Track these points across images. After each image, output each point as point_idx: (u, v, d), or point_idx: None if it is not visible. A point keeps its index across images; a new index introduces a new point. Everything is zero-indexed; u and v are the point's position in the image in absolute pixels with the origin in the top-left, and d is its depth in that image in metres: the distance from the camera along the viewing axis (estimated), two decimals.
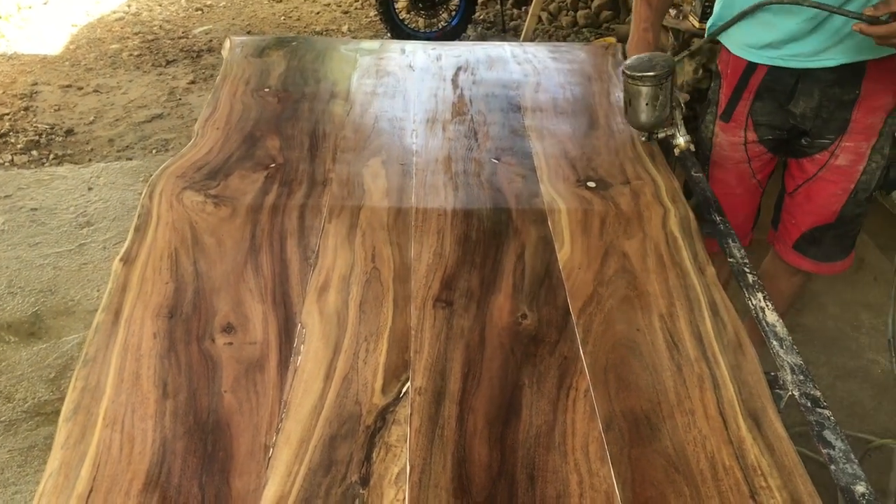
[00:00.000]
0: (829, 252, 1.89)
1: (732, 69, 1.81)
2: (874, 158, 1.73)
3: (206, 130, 1.77)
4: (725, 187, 1.90)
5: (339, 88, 2.00)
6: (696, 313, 1.27)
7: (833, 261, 1.90)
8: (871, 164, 1.73)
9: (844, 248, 1.88)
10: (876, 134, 1.70)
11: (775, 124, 1.79)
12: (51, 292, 2.62)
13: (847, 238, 1.86)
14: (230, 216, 1.47)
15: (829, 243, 1.87)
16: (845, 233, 1.84)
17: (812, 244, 1.89)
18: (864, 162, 1.73)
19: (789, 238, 1.92)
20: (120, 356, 1.14)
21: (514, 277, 1.35)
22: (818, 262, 1.91)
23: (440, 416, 1.06)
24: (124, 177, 3.31)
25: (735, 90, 1.81)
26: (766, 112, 1.79)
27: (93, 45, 4.82)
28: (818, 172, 1.78)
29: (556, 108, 1.92)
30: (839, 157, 1.74)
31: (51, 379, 2.28)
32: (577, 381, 1.12)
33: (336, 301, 1.27)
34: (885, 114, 1.69)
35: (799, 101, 1.72)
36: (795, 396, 1.20)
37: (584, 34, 5.07)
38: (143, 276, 1.30)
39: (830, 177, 1.77)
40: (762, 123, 1.81)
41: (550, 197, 1.57)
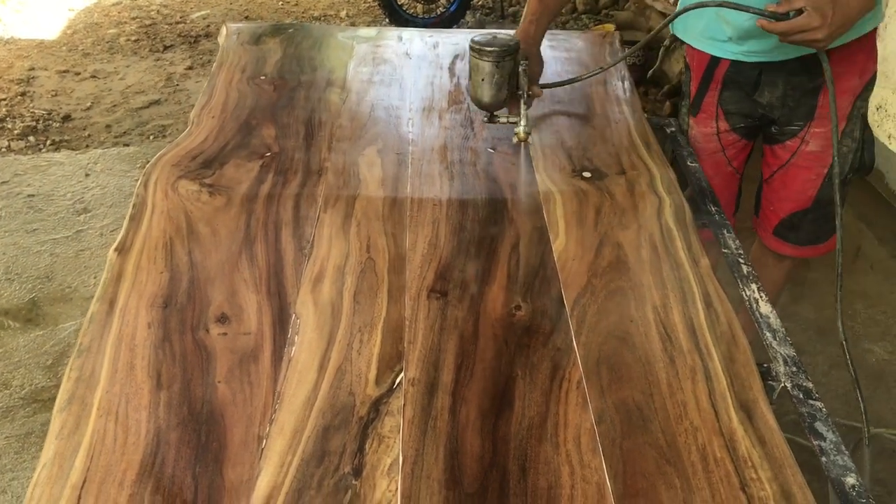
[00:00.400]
0: (809, 236, 1.89)
1: (697, 62, 1.82)
2: (845, 143, 1.73)
3: (202, 119, 1.76)
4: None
5: (335, 76, 1.99)
6: (690, 305, 1.27)
7: (814, 244, 1.90)
8: (842, 149, 1.73)
9: (824, 231, 1.88)
10: (844, 118, 1.70)
11: (745, 112, 1.81)
12: (48, 279, 2.62)
13: (826, 221, 1.85)
14: (225, 205, 1.47)
15: (808, 228, 1.87)
16: (823, 216, 1.83)
17: (791, 230, 1.89)
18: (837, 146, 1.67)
19: (769, 224, 1.93)
20: (114, 346, 1.14)
21: (508, 268, 1.35)
22: (799, 247, 1.92)
23: (433, 408, 1.06)
24: (121, 163, 3.31)
25: (701, 82, 1.83)
26: (735, 101, 1.80)
27: (90, 29, 4.80)
28: (791, 159, 1.79)
29: (553, 98, 1.92)
30: (809, 143, 1.74)
31: (48, 366, 2.29)
32: (570, 373, 1.13)
33: (331, 291, 1.27)
34: (853, 97, 1.69)
35: (764, 91, 1.73)
36: (788, 388, 1.21)
37: (583, 20, 5.05)
38: (138, 266, 1.30)
39: (803, 163, 1.77)
40: (733, 112, 1.82)
41: (546, 187, 1.57)
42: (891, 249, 2.98)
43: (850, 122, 1.71)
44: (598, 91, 1.95)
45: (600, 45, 2.23)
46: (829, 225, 1.85)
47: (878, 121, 3.30)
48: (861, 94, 1.69)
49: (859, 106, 1.70)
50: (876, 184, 3.31)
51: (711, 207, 1.64)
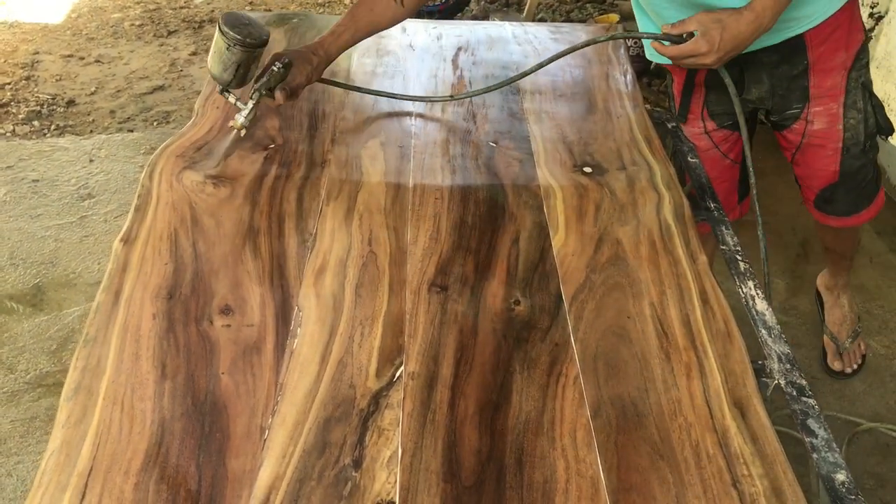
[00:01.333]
0: (847, 207, 1.91)
1: (678, 71, 1.85)
2: (850, 115, 1.73)
3: (206, 109, 1.78)
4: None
5: (339, 68, 2.00)
6: (687, 301, 1.29)
7: (857, 212, 1.93)
8: (849, 121, 1.74)
9: (862, 197, 1.90)
10: (842, 92, 1.71)
11: (731, 112, 1.77)
12: (52, 264, 2.64)
13: (860, 189, 1.87)
14: (229, 197, 1.49)
15: (843, 199, 1.89)
16: (855, 186, 1.85)
17: (828, 203, 1.92)
18: (841, 121, 1.74)
19: (809, 200, 1.97)
20: (120, 336, 1.16)
21: (508, 263, 1.37)
22: (840, 218, 1.94)
23: (432, 401, 1.08)
24: (126, 149, 3.32)
25: (684, 90, 1.86)
26: (721, 102, 1.81)
27: (94, 13, 4.79)
28: (803, 140, 1.81)
29: (555, 91, 1.93)
30: (814, 122, 1.76)
31: (52, 351, 2.31)
32: (567, 368, 1.15)
33: (332, 284, 1.29)
34: (846, 70, 1.70)
35: (751, 88, 1.75)
36: (781, 385, 1.23)
37: (587, 9, 5.04)
38: (143, 257, 1.32)
39: (816, 141, 1.79)
40: (719, 113, 1.85)
41: (546, 182, 1.58)
42: (890, 243, 3.00)
43: (850, 94, 1.72)
44: (600, 85, 1.96)
45: None
46: (864, 191, 1.89)
47: None
48: (854, 66, 1.70)
49: (855, 77, 1.71)
50: None
51: (710, 203, 1.66)
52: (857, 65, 1.72)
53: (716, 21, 1.43)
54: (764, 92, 1.74)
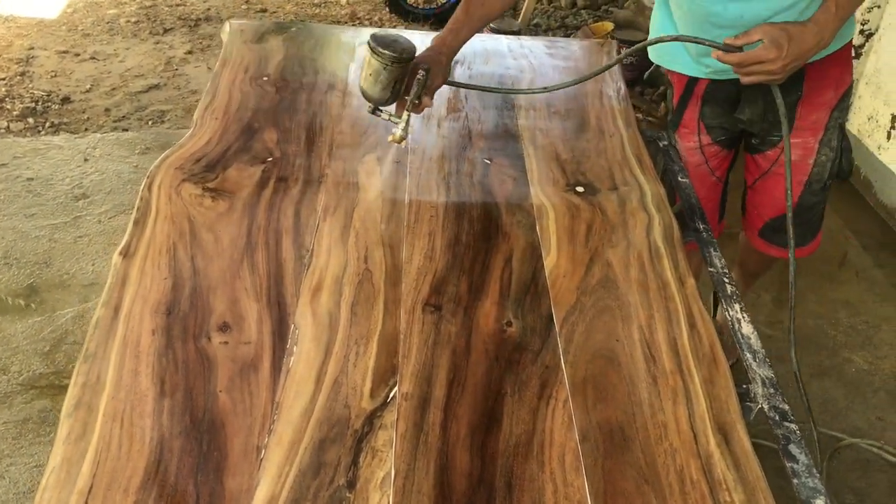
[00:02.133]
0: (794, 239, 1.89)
1: (678, 80, 1.90)
2: (823, 152, 1.80)
3: (205, 120, 1.79)
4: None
5: (336, 79, 2.02)
6: (675, 325, 1.32)
7: (797, 246, 1.90)
8: (820, 157, 1.81)
9: (807, 233, 1.97)
10: (822, 129, 1.78)
11: (725, 126, 1.88)
12: (46, 265, 2.65)
13: (808, 225, 1.95)
14: (227, 210, 1.51)
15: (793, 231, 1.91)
16: (805, 221, 1.92)
17: (775, 232, 1.98)
18: (814, 156, 1.81)
19: (754, 227, 2.04)
20: (119, 353, 1.18)
21: (501, 283, 1.39)
22: (783, 249, 1.98)
23: (425, 423, 1.11)
24: (120, 148, 3.33)
25: (681, 99, 1.90)
26: (716, 116, 1.87)
27: (90, 9, 4.79)
28: (771, 168, 1.87)
29: (550, 108, 1.96)
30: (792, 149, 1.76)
31: (45, 352, 2.32)
32: (557, 391, 1.18)
33: (328, 302, 1.31)
34: (829, 109, 1.76)
35: (745, 108, 1.78)
36: (765, 409, 1.26)
37: (581, 15, 5.07)
38: (143, 271, 1.34)
39: (783, 171, 1.75)
40: (714, 126, 1.89)
41: (540, 201, 1.61)
42: (875, 258, 3.04)
43: (828, 132, 1.79)
44: (593, 103, 1.99)
45: (598, 54, 2.26)
46: (810, 228, 1.96)
47: (868, 131, 3.35)
48: (837, 106, 1.77)
49: (836, 117, 1.78)
50: (864, 192, 3.37)
51: (699, 224, 1.69)
52: (841, 105, 1.78)
53: (782, 30, 1.44)
54: (756, 115, 1.78)
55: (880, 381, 2.44)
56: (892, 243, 3.10)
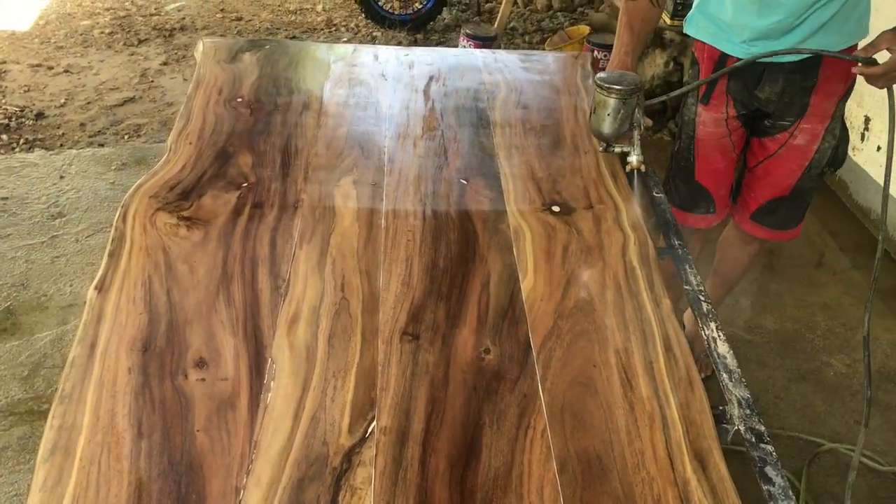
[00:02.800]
0: (783, 221, 2.12)
1: (708, 56, 1.98)
2: (827, 139, 1.94)
3: (179, 146, 1.78)
4: (711, 163, 2.08)
5: (311, 99, 2.02)
6: (650, 348, 1.33)
7: (786, 229, 2.14)
8: (824, 144, 1.94)
9: (796, 218, 2.12)
10: (829, 117, 1.91)
11: (745, 102, 1.97)
12: (23, 287, 2.63)
13: (799, 209, 2.10)
14: (202, 240, 1.50)
15: (784, 214, 2.10)
16: (798, 205, 2.08)
17: (769, 214, 2.11)
18: (819, 142, 1.94)
19: (747, 209, 2.14)
20: (96, 393, 1.18)
21: (478, 309, 1.40)
22: (773, 230, 2.14)
23: (404, 458, 1.11)
24: (96, 165, 3.31)
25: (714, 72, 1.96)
26: (739, 90, 1.96)
27: (63, 20, 4.75)
28: (778, 150, 1.98)
29: (525, 124, 1.96)
30: (797, 137, 1.94)
31: (24, 377, 2.31)
32: (535, 421, 1.18)
33: (306, 334, 1.31)
34: (838, 99, 1.89)
35: (765, 86, 1.90)
36: (741, 431, 1.27)
37: (558, 18, 5.08)
38: (118, 306, 1.34)
39: (788, 154, 1.97)
40: (738, 100, 1.99)
41: (516, 222, 1.62)
42: (853, 260, 3.08)
43: (833, 121, 1.92)
44: (568, 118, 2.00)
45: (572, 67, 2.27)
46: (800, 213, 2.12)
47: None
48: (844, 97, 1.90)
49: (841, 107, 1.92)
50: (840, 194, 3.40)
51: (675, 241, 1.70)
52: (846, 97, 1.91)
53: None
54: (774, 94, 1.89)
55: (858, 384, 2.47)
56: (868, 244, 3.13)
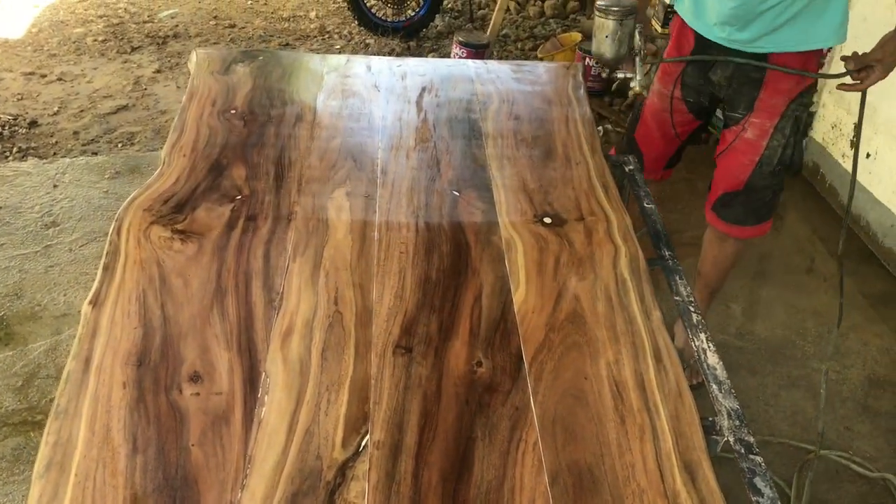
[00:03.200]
0: (739, 216, 2.18)
1: (678, 32, 2.14)
2: (776, 137, 2.03)
3: (173, 158, 1.79)
4: (648, 129, 2.29)
5: (304, 110, 2.03)
6: (641, 360, 1.34)
7: (742, 225, 2.20)
8: (773, 141, 2.04)
9: (753, 216, 2.18)
10: (778, 115, 2.01)
11: (697, 88, 2.14)
12: (17, 297, 2.63)
13: (755, 206, 2.16)
14: (197, 254, 1.51)
15: (739, 208, 2.17)
16: (753, 201, 2.15)
17: (724, 207, 2.20)
18: (768, 138, 2.04)
19: (710, 201, 2.25)
20: (91, 407, 1.19)
21: (471, 321, 1.41)
22: (729, 225, 2.21)
23: (397, 472, 1.12)
24: (90, 173, 3.31)
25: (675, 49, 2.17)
26: (693, 75, 2.13)
27: (56, 28, 4.75)
28: (733, 142, 2.10)
29: (517, 136, 1.98)
30: (748, 130, 2.06)
31: (18, 388, 2.31)
32: (527, 434, 1.20)
33: (299, 347, 1.32)
34: (788, 99, 1.99)
35: (717, 69, 2.06)
36: (731, 442, 1.29)
37: (550, 25, 5.10)
38: (113, 321, 1.34)
39: (741, 147, 2.09)
40: (688, 84, 2.15)
41: (508, 234, 1.63)
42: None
43: (783, 119, 2.01)
44: (559, 129, 2.01)
45: (564, 78, 2.28)
46: (758, 212, 2.18)
47: (833, 139, 3.40)
48: (796, 99, 2.00)
49: (793, 108, 2.01)
50: (830, 200, 3.43)
51: (665, 252, 1.72)
52: (800, 100, 2.01)
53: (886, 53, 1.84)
54: (725, 78, 2.05)
55: (848, 390, 2.49)
56: (857, 250, 3.16)
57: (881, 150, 3.08)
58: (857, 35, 3.15)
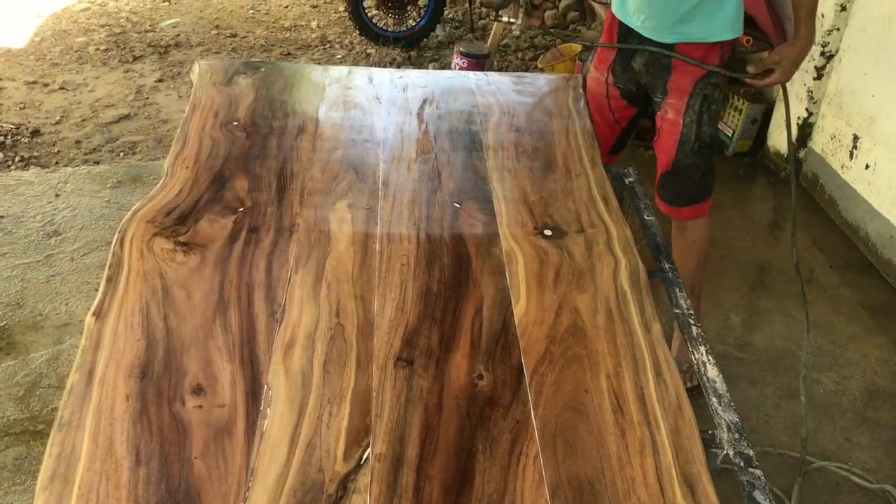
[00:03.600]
0: (672, 196, 2.34)
1: (609, 22, 2.33)
2: (688, 114, 2.20)
3: (176, 170, 1.80)
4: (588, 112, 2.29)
5: (306, 122, 2.04)
6: (641, 374, 1.35)
7: (676, 205, 2.35)
8: (686, 118, 2.21)
9: (684, 196, 2.33)
10: (688, 94, 2.18)
11: (626, 76, 2.31)
12: (18, 306, 2.64)
13: (685, 186, 2.31)
14: (199, 266, 1.52)
15: (671, 189, 2.33)
16: (682, 180, 2.30)
17: (661, 188, 2.36)
18: (682, 116, 2.21)
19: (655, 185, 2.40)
20: (94, 420, 1.19)
21: (472, 334, 1.42)
22: (666, 205, 2.37)
23: (398, 485, 1.13)
24: (92, 182, 3.32)
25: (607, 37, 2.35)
26: (620, 63, 2.31)
27: (58, 37, 4.77)
28: (661, 126, 2.27)
29: (518, 147, 1.99)
30: (668, 112, 2.23)
31: (20, 397, 2.32)
32: (528, 447, 1.20)
33: (301, 360, 1.33)
34: (695, 78, 2.16)
35: (637, 57, 2.24)
36: (730, 455, 1.29)
37: (551, 35, 5.12)
38: (116, 332, 1.35)
39: (666, 129, 2.26)
40: (617, 72, 2.33)
41: (509, 246, 1.64)
42: (842, 276, 3.11)
43: (693, 97, 2.18)
44: (560, 141, 2.03)
45: (564, 90, 2.30)
46: (687, 191, 2.32)
47: (831, 150, 3.42)
48: (702, 79, 2.16)
49: (701, 86, 2.17)
50: (830, 211, 3.44)
51: (665, 264, 1.72)
52: (706, 80, 2.17)
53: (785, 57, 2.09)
54: (643, 65, 2.23)
55: (848, 401, 2.50)
56: (857, 261, 3.17)
57: (880, 161, 3.10)
58: (856, 45, 3.18)
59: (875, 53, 3.10)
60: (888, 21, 3.00)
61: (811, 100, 3.47)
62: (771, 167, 3.75)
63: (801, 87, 3.49)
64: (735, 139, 3.84)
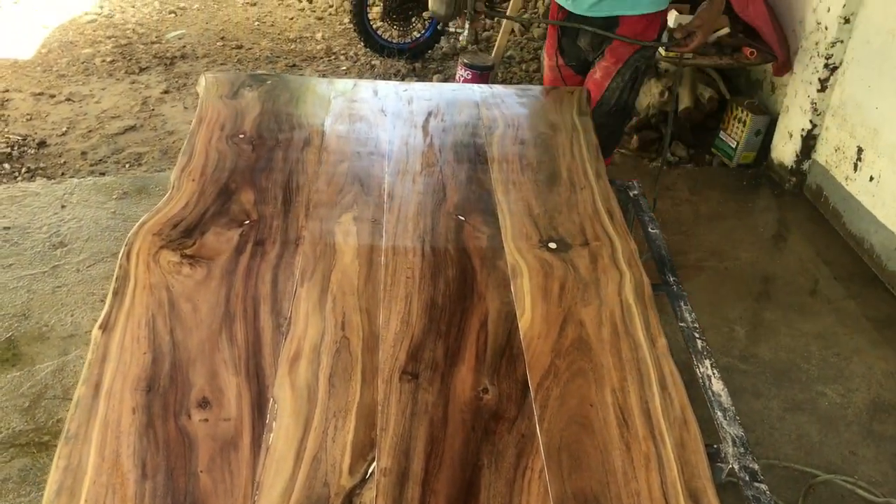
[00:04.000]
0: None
1: (553, 8, 2.48)
2: (616, 80, 2.40)
3: (182, 182, 1.81)
4: None
5: (312, 134, 2.05)
6: (646, 388, 1.35)
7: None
8: (613, 83, 2.41)
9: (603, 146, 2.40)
10: (623, 62, 2.37)
11: (574, 55, 2.51)
12: (24, 317, 2.65)
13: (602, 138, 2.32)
14: (205, 278, 1.53)
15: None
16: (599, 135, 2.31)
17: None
18: (610, 80, 2.41)
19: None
20: (101, 433, 1.20)
21: (476, 347, 1.42)
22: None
23: (404, 499, 1.13)
24: (98, 194, 3.34)
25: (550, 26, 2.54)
26: (567, 43, 2.50)
27: (65, 49, 4.80)
28: (586, 83, 2.47)
29: (522, 160, 2.00)
30: (598, 71, 2.43)
31: (25, 408, 2.32)
32: (533, 462, 1.20)
33: (307, 373, 1.33)
34: (633, 50, 2.35)
35: (581, 38, 2.43)
36: (735, 469, 1.29)
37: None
38: (122, 346, 1.36)
39: (591, 85, 2.45)
40: (566, 51, 2.53)
41: (514, 259, 1.64)
42: (847, 288, 3.10)
43: (626, 66, 2.38)
44: (564, 154, 2.03)
45: (568, 103, 2.30)
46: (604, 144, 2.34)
47: (835, 162, 3.42)
48: (637, 53, 2.36)
49: (635, 59, 2.37)
50: (833, 223, 3.43)
51: (669, 277, 1.73)
52: (640, 54, 2.37)
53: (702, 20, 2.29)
54: (587, 44, 2.42)
55: (853, 414, 2.49)
56: (861, 273, 3.16)
57: (884, 173, 3.10)
58: (860, 57, 3.18)
59: (879, 65, 3.11)
60: (892, 33, 3.01)
61: (815, 111, 3.47)
62: (775, 179, 3.75)
63: (805, 99, 3.49)
64: (739, 151, 3.84)
